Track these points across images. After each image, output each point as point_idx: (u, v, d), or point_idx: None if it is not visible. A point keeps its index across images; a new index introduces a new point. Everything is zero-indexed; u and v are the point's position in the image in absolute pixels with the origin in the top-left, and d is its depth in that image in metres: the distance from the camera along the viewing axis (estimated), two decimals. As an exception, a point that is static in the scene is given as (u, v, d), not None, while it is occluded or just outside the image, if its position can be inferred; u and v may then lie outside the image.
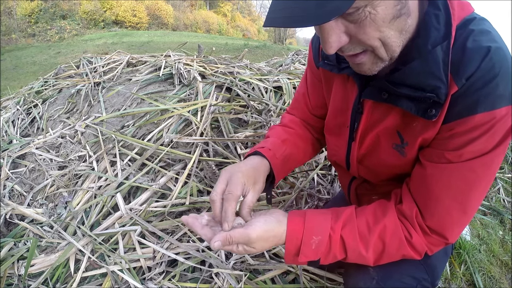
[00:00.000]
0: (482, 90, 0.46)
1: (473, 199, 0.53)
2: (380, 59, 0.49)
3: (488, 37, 0.47)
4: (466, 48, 0.47)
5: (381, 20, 0.43)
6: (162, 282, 1.00)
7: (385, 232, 0.56)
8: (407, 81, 0.51)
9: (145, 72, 2.02)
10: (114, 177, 1.35)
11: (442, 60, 0.48)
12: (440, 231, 0.55)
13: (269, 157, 0.69)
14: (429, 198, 0.55)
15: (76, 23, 18.26)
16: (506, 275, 1.30)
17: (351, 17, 0.43)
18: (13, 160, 1.65)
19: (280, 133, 0.78)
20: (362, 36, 0.45)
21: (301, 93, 0.83)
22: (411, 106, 0.52)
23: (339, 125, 0.69)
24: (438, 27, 0.48)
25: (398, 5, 0.43)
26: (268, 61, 2.92)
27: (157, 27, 22.39)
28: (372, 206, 0.60)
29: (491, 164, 0.50)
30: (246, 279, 0.98)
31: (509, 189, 1.89)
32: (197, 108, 1.61)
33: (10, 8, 17.48)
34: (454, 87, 0.48)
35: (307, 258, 0.56)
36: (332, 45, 0.45)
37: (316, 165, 1.46)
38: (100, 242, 1.12)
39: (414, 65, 0.49)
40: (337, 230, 0.56)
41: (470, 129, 0.48)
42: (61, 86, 2.21)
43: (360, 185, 0.77)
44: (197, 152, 1.39)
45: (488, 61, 0.45)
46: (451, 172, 0.52)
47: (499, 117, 0.46)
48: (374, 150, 0.64)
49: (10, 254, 1.15)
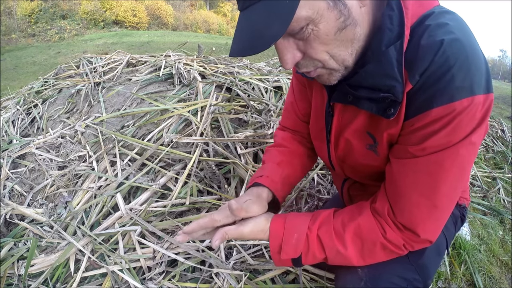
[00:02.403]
0: (438, 84, 0.46)
1: (441, 193, 0.52)
2: (333, 70, 0.52)
3: (444, 30, 0.47)
4: (419, 45, 0.47)
5: (325, 34, 0.46)
6: (162, 282, 1.00)
7: (360, 229, 0.58)
8: (364, 83, 0.53)
9: (145, 72, 2.02)
10: (114, 177, 1.35)
11: (396, 59, 0.48)
12: (411, 227, 0.55)
13: (267, 184, 0.72)
14: (397, 194, 0.55)
15: (76, 23, 18.26)
16: (506, 275, 1.31)
17: (298, 35, 0.47)
18: (13, 160, 1.65)
19: (275, 156, 0.81)
20: (310, 51, 0.48)
21: (289, 102, 0.85)
22: (372, 107, 0.54)
23: (320, 129, 0.71)
24: (392, 27, 0.49)
25: (340, 18, 0.45)
26: (268, 61, 2.92)
27: (157, 27, 22.40)
28: (349, 207, 0.63)
29: (457, 156, 0.49)
30: (246, 279, 0.98)
31: (509, 189, 1.89)
32: (197, 108, 1.61)
33: (10, 8, 17.49)
34: (408, 85, 0.49)
35: (288, 256, 0.60)
36: (287, 62, 0.49)
37: (316, 165, 1.46)
38: (100, 242, 1.12)
39: (369, 68, 0.51)
40: (313, 229, 0.60)
41: (430, 123, 0.49)
42: (61, 86, 2.21)
43: (352, 185, 0.78)
44: (197, 152, 1.39)
45: (441, 54, 0.45)
46: (416, 166, 0.52)
47: (460, 109, 0.46)
48: (350, 151, 0.66)
49: (10, 254, 1.15)
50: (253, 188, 0.72)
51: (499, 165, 2.21)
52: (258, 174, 0.76)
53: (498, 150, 2.38)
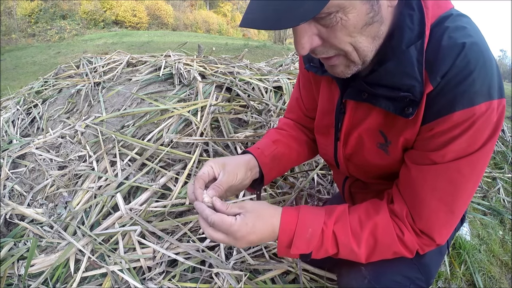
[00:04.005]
0: (459, 88, 0.46)
1: (460, 200, 0.53)
2: (353, 63, 0.50)
3: (463, 33, 0.47)
4: (440, 46, 0.47)
5: (352, 26, 0.44)
6: (162, 282, 1.00)
7: (377, 229, 0.56)
8: (383, 81, 0.52)
9: (145, 72, 2.02)
10: (114, 177, 1.35)
11: (416, 59, 0.48)
12: (428, 233, 0.55)
13: (256, 155, 0.71)
14: (416, 200, 0.55)
15: (76, 23, 18.26)
16: (506, 275, 1.31)
17: (323, 21, 0.44)
18: (13, 160, 1.65)
19: (272, 135, 0.80)
20: (334, 40, 0.46)
21: (294, 98, 0.84)
22: (389, 105, 0.53)
23: (326, 126, 0.71)
24: (412, 27, 0.49)
25: (370, 13, 0.44)
26: (268, 61, 2.92)
27: (157, 27, 22.40)
28: (364, 204, 0.61)
29: (477, 163, 0.50)
30: (246, 279, 0.98)
31: (509, 189, 1.89)
32: (197, 108, 1.60)
33: (10, 8, 17.48)
34: (429, 86, 0.48)
35: (299, 251, 0.57)
36: (304, 46, 0.46)
37: (316, 165, 1.46)
38: (100, 242, 1.12)
39: (389, 66, 0.50)
40: (329, 225, 0.57)
41: (450, 128, 0.48)
42: (61, 86, 2.21)
43: (354, 183, 0.78)
44: (197, 152, 1.39)
45: (463, 57, 0.45)
46: (436, 173, 0.52)
47: (479, 113, 0.46)
48: (359, 150, 0.65)
49: (10, 254, 1.15)
50: (241, 155, 0.71)
51: (499, 165, 2.21)
52: (251, 147, 0.75)
53: (498, 150, 2.38)
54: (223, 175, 0.62)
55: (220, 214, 0.54)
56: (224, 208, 0.55)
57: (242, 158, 0.70)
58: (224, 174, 0.62)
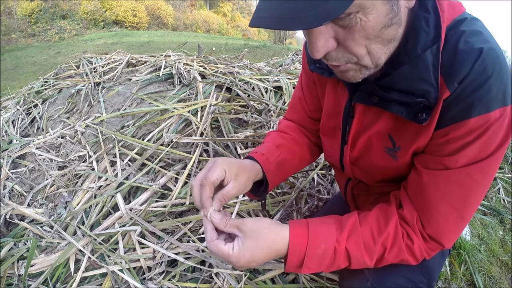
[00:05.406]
0: (476, 93, 0.45)
1: (470, 205, 0.53)
2: (365, 67, 0.48)
3: (480, 38, 0.46)
4: (457, 50, 0.46)
5: (371, 28, 0.42)
6: (162, 282, 1.00)
7: (387, 240, 0.55)
8: (397, 85, 0.50)
9: (145, 72, 2.02)
10: (114, 177, 1.35)
11: (432, 64, 0.47)
12: (437, 238, 0.55)
13: (261, 161, 0.69)
14: (426, 205, 0.54)
15: (76, 23, 18.28)
16: (506, 275, 1.30)
17: (341, 22, 0.42)
18: (13, 160, 1.65)
19: (275, 139, 0.78)
20: (350, 42, 0.44)
21: (297, 97, 0.82)
22: (401, 110, 0.51)
23: (332, 128, 0.69)
24: (428, 30, 0.47)
25: (390, 14, 0.43)
26: (268, 61, 2.92)
27: (157, 27, 22.42)
28: (374, 213, 0.58)
29: (488, 169, 0.49)
30: (246, 279, 0.98)
31: (509, 189, 1.89)
32: (197, 108, 1.60)
33: (10, 8, 17.50)
34: (446, 91, 0.47)
35: (310, 271, 0.55)
36: (319, 50, 0.44)
37: (316, 165, 1.46)
38: (100, 242, 1.12)
39: (403, 70, 0.49)
40: (342, 242, 0.54)
41: (464, 134, 0.48)
42: (61, 86, 2.21)
43: (356, 185, 0.77)
44: (197, 152, 1.39)
45: (481, 63, 0.44)
46: (448, 178, 0.51)
47: (493, 119, 0.46)
48: (366, 153, 0.64)
49: (10, 254, 1.15)
50: (246, 160, 0.68)
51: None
52: (254, 151, 0.73)
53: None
54: (233, 187, 0.59)
55: (217, 242, 0.52)
56: (222, 226, 0.54)
57: (252, 168, 0.66)
58: (235, 186, 0.59)
